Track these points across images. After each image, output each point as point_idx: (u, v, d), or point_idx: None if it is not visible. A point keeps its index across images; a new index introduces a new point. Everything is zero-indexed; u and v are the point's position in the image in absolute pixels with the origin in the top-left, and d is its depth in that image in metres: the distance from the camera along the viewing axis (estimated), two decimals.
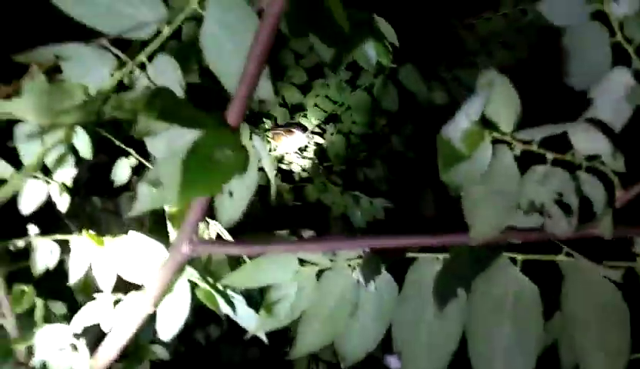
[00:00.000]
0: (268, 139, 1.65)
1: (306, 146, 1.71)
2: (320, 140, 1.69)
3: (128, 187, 1.04)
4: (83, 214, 1.13)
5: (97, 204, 1.18)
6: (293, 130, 1.68)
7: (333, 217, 1.69)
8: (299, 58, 1.55)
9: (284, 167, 1.66)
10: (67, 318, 0.69)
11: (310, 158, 1.69)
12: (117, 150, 0.91)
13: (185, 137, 0.36)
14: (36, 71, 0.46)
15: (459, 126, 0.34)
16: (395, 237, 0.43)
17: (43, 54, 0.43)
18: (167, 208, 0.53)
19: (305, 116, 1.69)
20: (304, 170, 1.69)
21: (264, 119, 1.65)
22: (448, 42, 1.69)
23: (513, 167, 0.37)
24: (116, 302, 0.52)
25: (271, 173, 0.38)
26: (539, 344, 0.45)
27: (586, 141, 0.35)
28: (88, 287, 0.67)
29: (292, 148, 1.68)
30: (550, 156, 0.37)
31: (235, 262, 0.51)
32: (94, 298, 0.57)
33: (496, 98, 0.34)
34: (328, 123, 1.69)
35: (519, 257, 0.46)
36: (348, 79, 1.58)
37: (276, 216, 1.63)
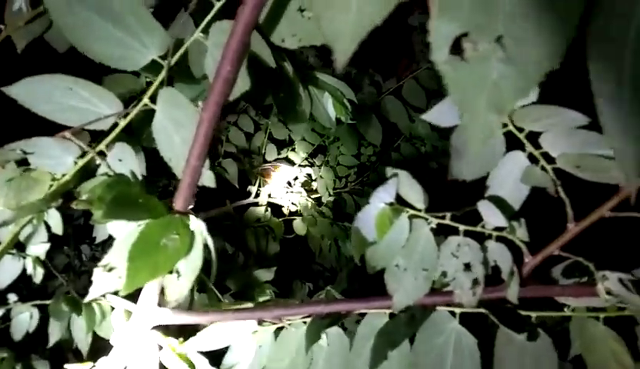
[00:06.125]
0: (257, 175, 1.69)
1: (295, 179, 1.74)
2: (309, 171, 1.73)
3: None
4: (72, 266, 1.17)
5: (86, 252, 1.23)
6: (281, 165, 1.72)
7: (323, 248, 1.72)
8: None
9: (273, 201, 1.69)
10: None
11: (299, 192, 1.73)
12: None
13: (133, 226, 0.41)
14: (6, 162, 0.50)
15: (375, 208, 0.38)
16: (333, 303, 0.47)
17: (11, 151, 0.48)
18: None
19: (293, 150, 1.73)
20: (293, 204, 1.72)
21: (252, 156, 1.70)
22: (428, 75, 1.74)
23: (430, 238, 0.41)
24: None
25: (214, 253, 0.42)
26: None
27: (489, 216, 0.39)
28: (72, 343, 0.71)
29: (281, 183, 1.72)
30: (462, 228, 0.41)
31: None
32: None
33: (404, 186, 0.38)
34: (315, 156, 1.73)
35: (457, 310, 0.49)
36: None
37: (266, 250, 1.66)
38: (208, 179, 0.44)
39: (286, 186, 1.73)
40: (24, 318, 0.63)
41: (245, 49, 0.37)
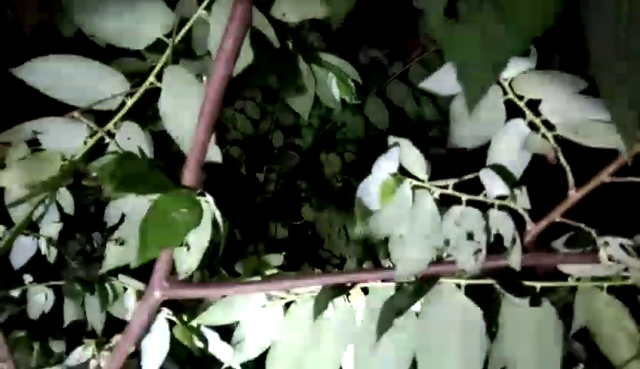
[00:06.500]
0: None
1: (302, 166, 1.75)
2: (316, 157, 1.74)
3: None
4: (85, 252, 1.19)
5: (97, 239, 1.24)
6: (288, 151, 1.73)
7: (331, 234, 1.73)
8: None
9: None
10: (64, 355, 0.75)
11: (306, 178, 1.73)
12: None
13: (143, 200, 0.42)
14: (19, 142, 0.52)
15: (376, 178, 0.39)
16: (340, 274, 0.48)
17: (22, 131, 0.49)
18: None
19: (300, 136, 1.73)
20: (301, 190, 1.73)
21: (259, 142, 1.70)
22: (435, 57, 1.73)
23: (433, 208, 0.42)
24: (102, 343, 0.57)
25: (223, 227, 0.44)
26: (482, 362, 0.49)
27: (492, 184, 0.40)
28: (85, 324, 0.73)
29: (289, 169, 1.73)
30: (464, 197, 0.41)
31: None
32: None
33: (407, 155, 0.39)
34: (322, 142, 1.73)
35: (462, 282, 0.50)
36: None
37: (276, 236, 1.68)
38: (215, 155, 0.45)
39: (294, 172, 1.74)
40: (39, 299, 0.65)
41: (246, 23, 0.38)
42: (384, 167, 0.39)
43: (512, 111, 0.39)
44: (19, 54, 0.56)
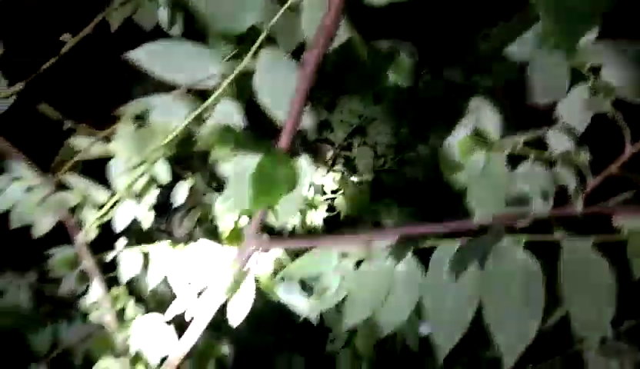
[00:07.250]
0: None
1: (335, 159, 1.81)
2: (347, 153, 1.79)
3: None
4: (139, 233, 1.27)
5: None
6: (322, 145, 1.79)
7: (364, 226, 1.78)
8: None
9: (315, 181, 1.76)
10: None
11: (339, 171, 1.79)
12: None
13: (246, 162, 0.49)
14: (127, 117, 0.59)
15: (456, 138, 0.45)
16: (416, 226, 0.54)
17: (135, 106, 0.56)
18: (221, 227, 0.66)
19: (332, 131, 1.79)
20: (334, 182, 1.79)
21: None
22: (465, 51, 1.78)
23: (503, 165, 0.48)
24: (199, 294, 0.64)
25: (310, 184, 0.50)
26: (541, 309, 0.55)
27: (557, 142, 0.46)
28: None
29: (322, 163, 1.79)
30: (532, 155, 0.47)
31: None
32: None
33: (484, 116, 0.45)
34: (354, 136, 1.79)
35: (523, 238, 0.56)
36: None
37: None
38: (308, 123, 0.52)
39: (327, 166, 1.79)
40: (131, 263, 0.72)
41: (344, 4, 0.44)
42: (464, 126, 0.45)
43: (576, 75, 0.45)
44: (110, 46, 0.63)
